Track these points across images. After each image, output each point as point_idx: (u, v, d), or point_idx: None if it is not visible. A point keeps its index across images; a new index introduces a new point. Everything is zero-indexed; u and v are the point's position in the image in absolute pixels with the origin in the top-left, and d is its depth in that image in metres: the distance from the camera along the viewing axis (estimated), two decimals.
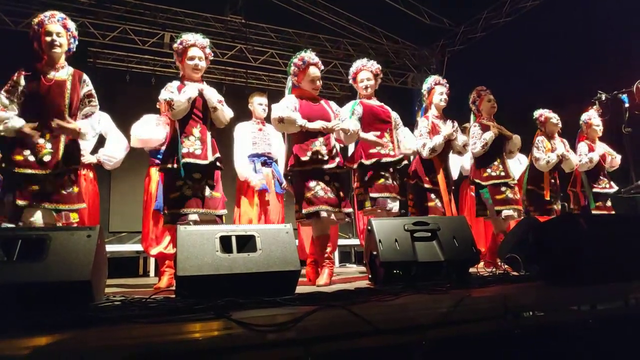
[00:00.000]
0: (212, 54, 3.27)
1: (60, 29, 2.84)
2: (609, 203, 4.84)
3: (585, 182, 4.83)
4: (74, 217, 2.87)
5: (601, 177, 4.84)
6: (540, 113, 4.82)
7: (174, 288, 2.18)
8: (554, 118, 4.73)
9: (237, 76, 9.94)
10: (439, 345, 1.61)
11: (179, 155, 2.90)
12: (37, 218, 2.74)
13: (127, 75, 8.90)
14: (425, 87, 4.22)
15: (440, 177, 3.85)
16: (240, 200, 4.08)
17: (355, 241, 8.82)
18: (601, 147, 4.88)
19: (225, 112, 3.18)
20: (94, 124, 3.05)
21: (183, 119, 2.99)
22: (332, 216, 3.18)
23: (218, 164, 3.07)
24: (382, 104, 3.88)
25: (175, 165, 2.90)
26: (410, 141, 3.92)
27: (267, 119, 4.03)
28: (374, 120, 3.69)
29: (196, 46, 3.12)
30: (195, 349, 1.35)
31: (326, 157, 3.26)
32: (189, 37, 3.12)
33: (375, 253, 2.58)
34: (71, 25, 2.90)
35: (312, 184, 3.16)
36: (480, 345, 1.75)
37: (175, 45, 3.16)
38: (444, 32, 9.56)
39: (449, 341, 1.67)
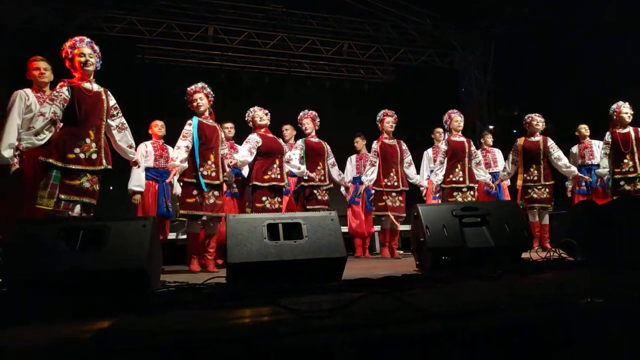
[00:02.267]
0: (212, 94, 4.17)
1: (90, 50, 3.36)
2: None
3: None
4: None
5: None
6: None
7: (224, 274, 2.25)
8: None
9: (280, 65, 9.99)
10: (486, 333, 1.57)
11: (198, 175, 3.83)
12: (76, 211, 3.21)
13: (174, 70, 9.18)
14: (378, 117, 5.48)
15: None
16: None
17: (402, 227, 8.73)
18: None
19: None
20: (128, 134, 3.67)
21: (200, 150, 3.91)
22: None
23: (226, 179, 4.10)
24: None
25: (194, 180, 3.82)
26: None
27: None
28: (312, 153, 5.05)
29: (198, 92, 4.04)
30: (246, 334, 1.39)
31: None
32: (192, 87, 4.06)
33: (422, 239, 2.54)
34: (96, 47, 3.43)
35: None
36: (531, 333, 1.69)
37: (185, 97, 4.07)
38: (490, 12, 9.14)
39: (500, 329, 1.62)
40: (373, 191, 5.36)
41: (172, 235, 5.63)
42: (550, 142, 5.19)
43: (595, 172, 5.45)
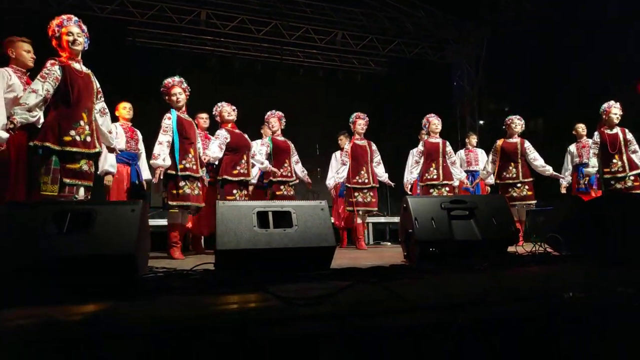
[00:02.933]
0: (189, 88, 4.17)
1: (78, 29, 3.28)
2: None
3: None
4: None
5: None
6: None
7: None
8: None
9: (272, 52, 9.91)
10: (475, 325, 1.59)
11: (177, 168, 3.91)
12: (81, 194, 3.20)
13: (164, 54, 9.06)
14: (351, 119, 5.72)
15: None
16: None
17: (389, 219, 8.80)
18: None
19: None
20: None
21: (180, 143, 3.97)
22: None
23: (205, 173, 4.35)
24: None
25: (175, 172, 3.89)
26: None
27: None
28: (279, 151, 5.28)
29: (176, 86, 4.04)
30: (234, 320, 1.39)
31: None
32: (169, 81, 4.07)
33: (410, 231, 2.56)
34: (84, 27, 3.34)
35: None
36: (518, 326, 1.72)
37: (161, 89, 4.08)
38: (485, 6, 9.14)
39: (484, 321, 1.65)
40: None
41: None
42: (527, 144, 5.39)
43: (583, 171, 5.56)
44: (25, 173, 3.16)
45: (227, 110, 4.73)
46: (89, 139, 3.22)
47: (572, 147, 6.33)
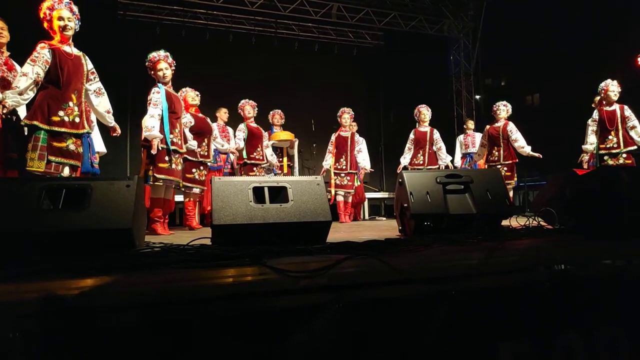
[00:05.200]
0: (175, 63, 4.13)
1: (69, 13, 3.30)
2: None
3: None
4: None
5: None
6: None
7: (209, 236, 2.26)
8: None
9: (266, 26, 9.75)
10: (468, 296, 1.63)
11: (168, 142, 3.90)
12: (66, 172, 3.25)
13: (157, 28, 8.89)
14: (338, 113, 6.28)
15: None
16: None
17: (384, 194, 8.85)
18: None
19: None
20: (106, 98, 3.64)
21: (169, 118, 3.96)
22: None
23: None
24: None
25: (164, 146, 3.87)
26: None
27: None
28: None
29: (162, 60, 3.99)
30: (232, 292, 1.41)
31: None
32: (155, 55, 4.01)
33: (406, 205, 2.58)
34: (75, 8, 3.35)
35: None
36: (510, 298, 1.76)
37: (146, 63, 4.04)
38: None
39: (478, 292, 1.68)
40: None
41: None
42: (510, 127, 5.80)
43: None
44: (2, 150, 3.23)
45: (191, 96, 4.92)
46: (77, 119, 3.29)
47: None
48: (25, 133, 3.17)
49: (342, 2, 9.43)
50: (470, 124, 7.66)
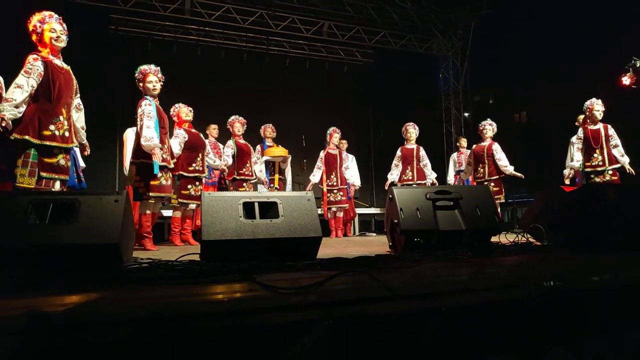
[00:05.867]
0: (164, 77, 4.11)
1: (60, 27, 3.31)
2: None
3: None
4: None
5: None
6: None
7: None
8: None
9: (258, 43, 9.83)
10: (458, 313, 1.62)
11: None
12: (57, 187, 3.24)
13: (148, 43, 8.91)
14: (328, 132, 6.63)
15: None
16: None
17: (375, 210, 8.85)
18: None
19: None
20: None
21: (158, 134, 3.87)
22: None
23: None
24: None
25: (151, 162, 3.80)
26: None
27: None
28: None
29: (152, 74, 3.97)
30: (220, 310, 1.40)
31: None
32: (145, 68, 3.99)
33: (396, 221, 2.58)
34: (64, 25, 3.37)
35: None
36: (499, 313, 1.76)
37: (135, 75, 3.99)
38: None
39: (468, 309, 1.68)
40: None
41: None
42: (495, 147, 6.06)
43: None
44: None
45: (184, 111, 4.96)
46: (67, 134, 3.29)
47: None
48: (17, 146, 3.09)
49: (333, 21, 9.56)
50: (463, 142, 7.83)
